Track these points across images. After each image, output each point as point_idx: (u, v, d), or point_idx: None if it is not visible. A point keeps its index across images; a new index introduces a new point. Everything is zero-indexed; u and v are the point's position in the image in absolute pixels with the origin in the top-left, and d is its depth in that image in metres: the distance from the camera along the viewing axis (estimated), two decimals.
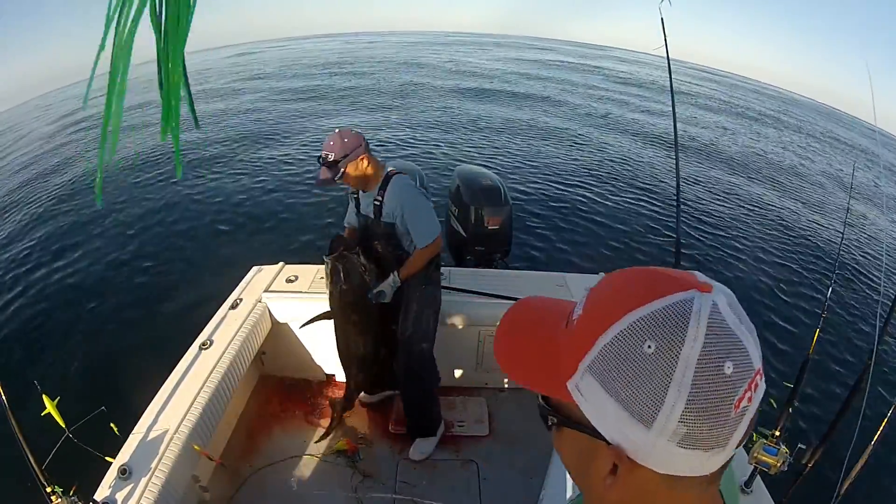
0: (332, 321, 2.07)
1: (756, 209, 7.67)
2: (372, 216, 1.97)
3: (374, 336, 2.10)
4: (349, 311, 1.98)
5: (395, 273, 1.94)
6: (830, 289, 1.62)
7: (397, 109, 12.35)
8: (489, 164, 7.66)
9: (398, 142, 9.22)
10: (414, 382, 2.15)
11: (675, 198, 1.94)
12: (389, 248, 2.02)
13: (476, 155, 8.57)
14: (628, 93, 18.76)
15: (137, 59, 0.48)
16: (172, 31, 0.47)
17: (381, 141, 9.13)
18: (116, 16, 0.45)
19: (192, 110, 0.55)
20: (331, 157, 1.81)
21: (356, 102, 13.34)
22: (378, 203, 1.93)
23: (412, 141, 9.20)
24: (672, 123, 2.11)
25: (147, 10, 0.46)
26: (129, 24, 0.45)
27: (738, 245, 6.10)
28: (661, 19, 1.97)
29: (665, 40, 1.96)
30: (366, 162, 1.87)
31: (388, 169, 1.96)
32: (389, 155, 8.23)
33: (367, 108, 12.54)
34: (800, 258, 6.08)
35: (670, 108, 2.25)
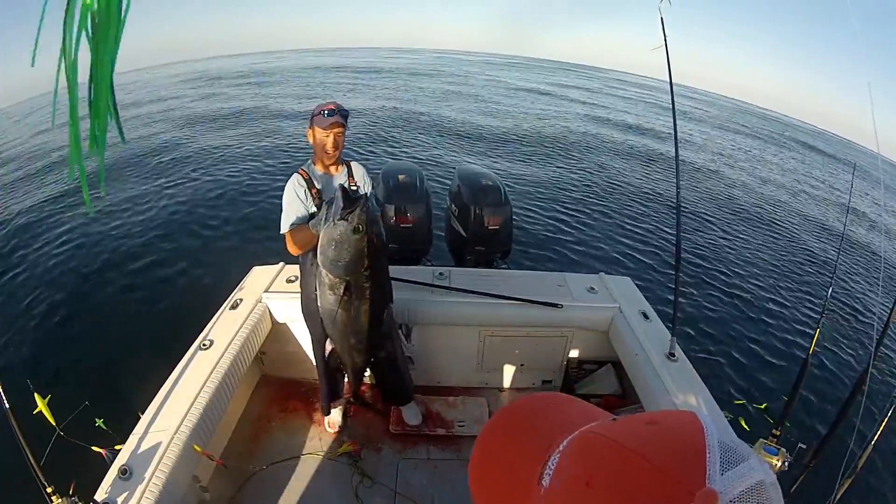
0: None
1: (756, 211, 7.67)
2: None
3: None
4: (377, 262, 1.62)
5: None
6: (830, 289, 1.62)
7: (397, 113, 12.35)
8: (489, 165, 7.67)
9: (397, 142, 9.22)
10: (397, 347, 2.21)
11: (676, 198, 1.94)
12: None
13: (476, 156, 8.58)
14: (627, 100, 18.79)
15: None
16: (102, 50, 0.49)
17: (382, 141, 9.13)
18: (62, 30, 0.46)
19: (119, 126, 0.56)
20: (346, 111, 1.84)
21: (355, 109, 13.35)
22: (356, 188, 1.96)
23: (412, 141, 9.20)
24: (672, 125, 2.11)
25: (85, 26, 0.48)
26: (73, 39, 0.46)
27: (738, 246, 6.10)
28: (661, 19, 1.97)
29: (665, 40, 1.96)
30: None
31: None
32: (390, 156, 8.23)
33: (365, 110, 12.54)
34: (800, 258, 6.08)
35: (669, 110, 2.25)
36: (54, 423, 1.37)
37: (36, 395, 1.37)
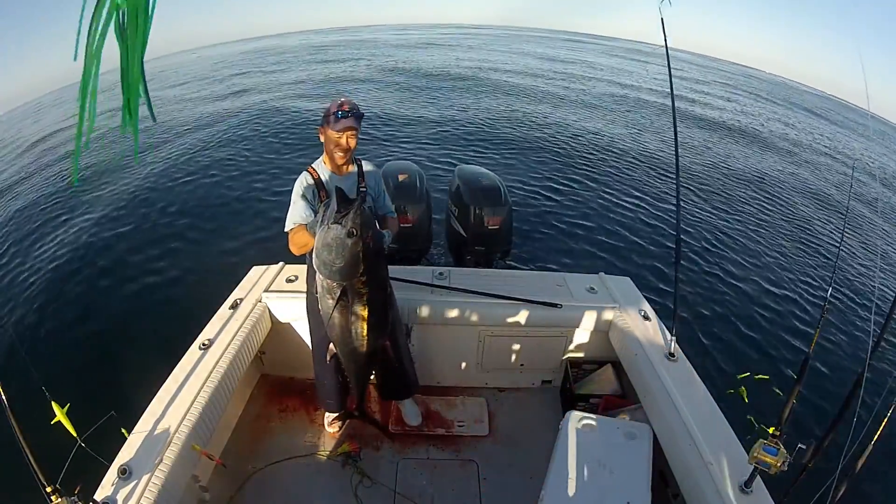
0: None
1: (756, 209, 7.67)
2: None
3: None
4: (374, 266, 1.55)
5: (388, 231, 1.89)
6: (830, 288, 1.62)
7: (397, 106, 12.35)
8: (489, 164, 7.66)
9: (397, 140, 9.21)
10: (399, 337, 2.21)
11: (675, 197, 1.95)
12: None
13: (476, 154, 8.57)
14: (627, 91, 18.77)
15: (106, 67, 0.55)
16: (132, 38, 0.56)
17: (380, 137, 9.13)
18: (88, 26, 0.53)
19: (150, 107, 0.64)
20: (360, 112, 1.81)
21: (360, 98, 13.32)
22: (364, 189, 1.93)
23: (412, 140, 9.20)
24: (672, 123, 2.11)
25: (112, 22, 0.55)
26: (98, 33, 0.53)
27: (738, 245, 6.09)
28: (661, 19, 1.97)
29: (665, 41, 1.96)
30: None
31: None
32: (390, 155, 8.23)
33: (372, 102, 12.51)
34: (800, 257, 6.08)
35: (669, 106, 2.25)
36: (75, 434, 1.33)
37: (54, 404, 1.33)
